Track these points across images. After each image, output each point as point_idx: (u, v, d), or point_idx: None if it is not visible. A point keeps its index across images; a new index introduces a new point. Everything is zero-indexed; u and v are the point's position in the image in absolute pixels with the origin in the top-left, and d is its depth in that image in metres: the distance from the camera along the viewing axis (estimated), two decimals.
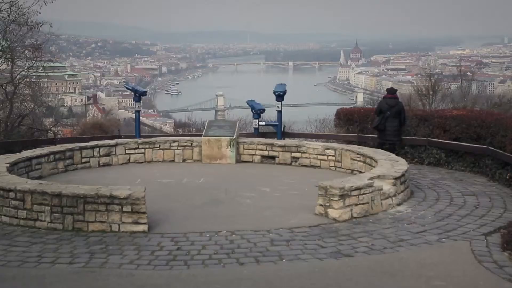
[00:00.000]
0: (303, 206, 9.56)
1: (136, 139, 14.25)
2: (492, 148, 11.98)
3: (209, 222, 8.71)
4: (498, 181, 11.63)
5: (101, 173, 12.44)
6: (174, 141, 14.11)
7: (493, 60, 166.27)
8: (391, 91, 14.01)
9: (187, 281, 6.43)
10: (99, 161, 13.26)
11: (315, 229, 8.45)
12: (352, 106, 19.37)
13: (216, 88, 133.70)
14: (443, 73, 50.08)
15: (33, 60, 21.61)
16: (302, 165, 13.31)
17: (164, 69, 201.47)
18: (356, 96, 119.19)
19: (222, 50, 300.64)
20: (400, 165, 10.61)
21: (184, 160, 13.95)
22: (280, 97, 15.54)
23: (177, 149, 13.99)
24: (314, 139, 16.85)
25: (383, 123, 13.43)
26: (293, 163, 13.46)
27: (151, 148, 13.87)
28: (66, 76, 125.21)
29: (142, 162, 13.70)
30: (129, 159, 13.66)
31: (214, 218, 8.92)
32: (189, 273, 6.72)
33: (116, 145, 13.60)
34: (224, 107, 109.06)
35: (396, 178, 9.79)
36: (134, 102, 15.52)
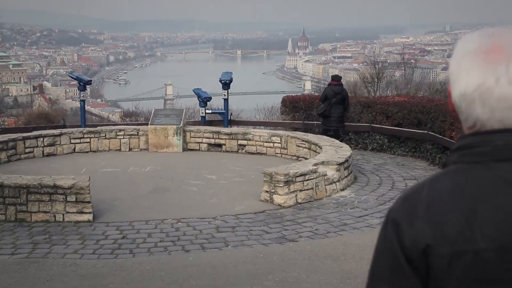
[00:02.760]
0: (249, 192, 9.66)
1: (81, 129, 14.09)
2: (432, 133, 12.31)
3: (155, 210, 8.73)
4: (438, 166, 11.97)
5: (46, 163, 12.28)
6: (120, 130, 14.01)
7: (436, 48, 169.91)
8: (336, 78, 14.25)
9: (132, 269, 6.44)
10: (43, 151, 13.07)
11: (260, 215, 8.57)
12: (300, 94, 19.47)
13: (165, 77, 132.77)
14: (388, 61, 50.86)
15: None
16: (249, 153, 13.41)
17: (111, 58, 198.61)
18: (304, 84, 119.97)
19: (170, 39, 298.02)
20: (343, 151, 10.81)
21: (130, 149, 13.87)
22: (226, 85, 15.58)
23: (123, 138, 13.89)
24: (262, 127, 16.97)
25: (328, 110, 13.64)
26: (239, 151, 13.54)
27: (96, 137, 13.73)
28: (11, 66, 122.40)
29: (87, 152, 13.56)
30: (74, 149, 13.49)
31: (160, 206, 8.94)
32: (134, 261, 6.73)
33: (60, 134, 13.41)
34: (173, 96, 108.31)
35: (340, 164, 9.98)
36: (78, 91, 15.34)
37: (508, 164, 1.42)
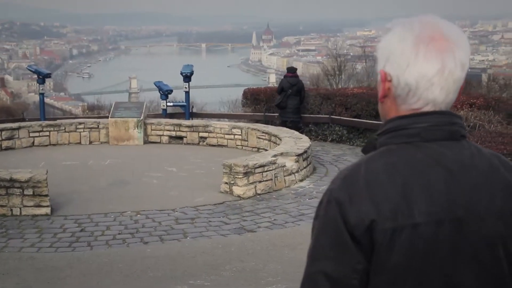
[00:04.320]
0: (209, 184, 9.69)
1: (40, 122, 13.93)
2: None
3: (114, 203, 8.70)
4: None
5: (4, 156, 12.12)
6: (80, 123, 13.89)
7: None
8: (292, 70, 14.45)
9: (89, 262, 6.44)
10: (1, 145, 12.89)
11: (220, 207, 8.61)
12: (262, 87, 19.55)
13: (129, 70, 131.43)
14: (351, 54, 51.34)
15: None
16: (210, 145, 13.43)
17: (75, 51, 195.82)
18: (268, 77, 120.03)
19: (134, 32, 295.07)
20: (303, 142, 10.91)
21: (91, 142, 13.77)
22: (187, 77, 15.59)
23: (83, 131, 13.78)
24: (225, 119, 17.00)
25: (284, 101, 13.79)
26: (200, 143, 13.56)
27: (56, 131, 13.59)
28: None
29: (47, 145, 13.42)
30: (33, 142, 13.34)
31: (119, 199, 8.92)
32: (92, 254, 6.73)
33: (19, 128, 13.24)
34: (138, 89, 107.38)
35: (299, 155, 10.07)
36: (38, 84, 15.17)
37: (436, 144, 1.52)
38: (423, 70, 1.52)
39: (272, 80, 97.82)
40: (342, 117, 14.06)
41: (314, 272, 1.50)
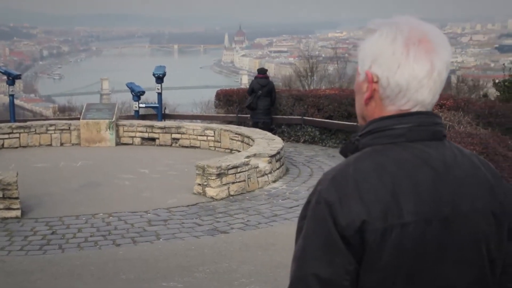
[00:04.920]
0: (182, 186, 9.67)
1: (10, 124, 13.75)
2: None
3: (86, 205, 8.63)
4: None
5: None
6: (51, 125, 13.74)
7: None
8: (262, 71, 14.52)
9: (61, 265, 6.37)
10: None
11: (193, 208, 8.59)
12: (234, 88, 19.54)
13: (101, 71, 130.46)
14: (323, 55, 51.63)
15: None
16: (183, 146, 13.39)
17: (45, 52, 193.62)
18: (241, 78, 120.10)
19: (106, 33, 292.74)
20: (275, 143, 10.93)
21: (62, 144, 13.63)
22: (159, 79, 15.53)
23: (54, 133, 13.64)
24: (198, 120, 16.96)
25: (255, 102, 13.83)
26: (173, 144, 13.51)
27: (26, 132, 13.43)
28: None
29: (17, 147, 13.25)
30: (3, 144, 13.16)
31: (91, 201, 8.85)
32: (63, 257, 6.66)
33: None
34: (109, 91, 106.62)
35: (272, 156, 10.09)
36: (7, 85, 14.99)
37: (421, 144, 1.53)
38: (414, 71, 1.52)
39: (245, 82, 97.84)
40: (314, 118, 14.12)
41: (304, 275, 1.48)
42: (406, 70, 1.52)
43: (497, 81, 17.39)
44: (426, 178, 1.50)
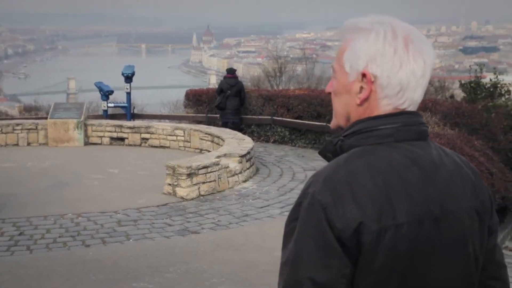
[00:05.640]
0: (152, 186, 9.60)
1: None
2: (330, 125, 12.64)
3: (54, 205, 8.52)
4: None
5: None
6: (17, 124, 13.54)
7: (336, 43, 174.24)
8: (231, 71, 14.53)
9: (29, 266, 6.28)
10: None
11: (163, 208, 8.54)
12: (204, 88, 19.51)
13: (68, 71, 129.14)
14: (291, 56, 51.80)
15: None
16: (152, 146, 13.32)
17: (10, 51, 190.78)
18: (209, 78, 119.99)
19: (72, 32, 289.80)
20: (246, 143, 10.94)
21: (29, 144, 13.45)
22: (128, 78, 15.44)
23: (21, 132, 13.45)
24: (166, 120, 16.89)
25: (224, 102, 13.84)
26: (142, 144, 13.43)
27: None
28: None
29: None
30: None
31: (59, 201, 8.74)
32: (31, 258, 6.56)
33: None
34: (76, 90, 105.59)
35: (242, 156, 10.09)
36: None
37: (408, 144, 1.53)
38: (414, 70, 1.53)
39: (213, 82, 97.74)
40: (284, 119, 14.16)
41: (298, 279, 1.45)
42: (408, 68, 1.52)
43: (463, 82, 17.64)
44: (416, 178, 1.50)
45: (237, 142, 11.00)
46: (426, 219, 1.48)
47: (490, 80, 17.17)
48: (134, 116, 15.84)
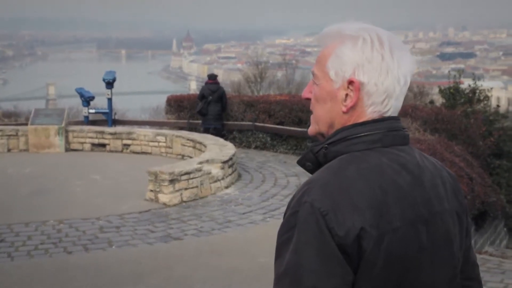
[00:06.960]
0: (134, 192, 9.57)
1: None
2: (308, 131, 12.70)
3: (35, 212, 8.47)
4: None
5: None
6: None
7: (315, 49, 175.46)
8: (212, 77, 14.54)
9: (10, 274, 6.24)
10: None
11: (145, 215, 8.53)
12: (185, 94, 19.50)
13: (47, 76, 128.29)
14: (271, 61, 52.00)
15: None
16: (134, 152, 13.28)
17: None
18: (189, 84, 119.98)
19: (52, 37, 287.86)
20: (228, 149, 10.95)
21: (9, 150, 13.34)
22: (109, 84, 15.38)
23: (1, 138, 13.33)
24: (147, 126, 16.85)
25: (205, 108, 13.86)
26: (124, 150, 13.38)
27: None
28: None
29: None
30: None
31: (41, 208, 8.68)
32: (13, 265, 6.52)
33: None
34: (56, 96, 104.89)
35: (224, 162, 10.11)
36: None
37: (394, 149, 1.56)
38: (399, 77, 1.54)
39: (193, 87, 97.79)
40: (265, 124, 14.20)
41: None
42: (394, 75, 1.53)
43: (442, 87, 17.81)
44: (405, 182, 1.52)
45: (219, 148, 11.02)
46: (417, 222, 1.50)
47: (469, 85, 17.37)
48: (115, 122, 15.78)
